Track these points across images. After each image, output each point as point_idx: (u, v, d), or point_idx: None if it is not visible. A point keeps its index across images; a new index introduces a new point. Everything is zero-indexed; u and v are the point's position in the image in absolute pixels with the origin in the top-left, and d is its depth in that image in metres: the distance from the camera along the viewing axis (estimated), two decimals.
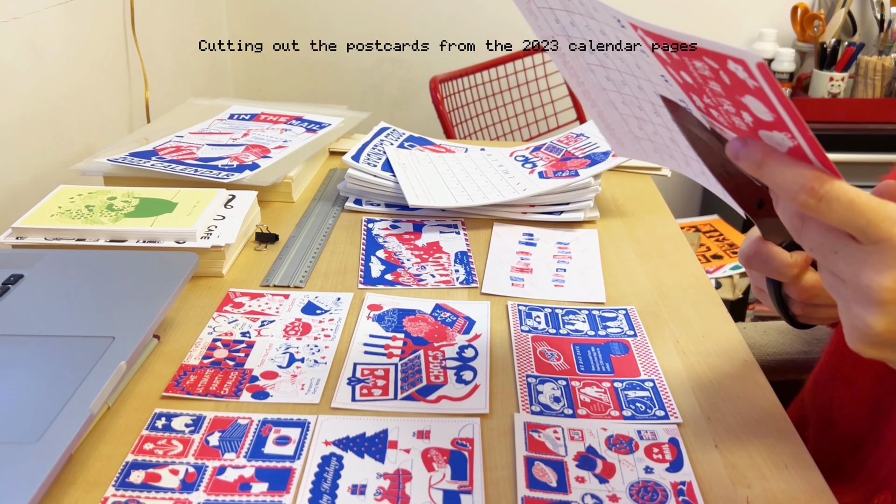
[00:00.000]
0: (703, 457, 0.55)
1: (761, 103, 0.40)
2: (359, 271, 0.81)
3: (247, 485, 0.52)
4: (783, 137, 0.42)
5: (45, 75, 1.14)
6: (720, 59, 0.39)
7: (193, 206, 0.84)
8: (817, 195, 0.41)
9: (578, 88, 0.61)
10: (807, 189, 0.41)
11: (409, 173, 0.98)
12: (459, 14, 2.16)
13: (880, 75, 1.95)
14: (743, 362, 0.66)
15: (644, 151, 0.61)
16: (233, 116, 1.19)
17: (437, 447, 0.55)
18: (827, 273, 0.44)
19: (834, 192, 0.41)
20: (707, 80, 0.43)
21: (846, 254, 0.42)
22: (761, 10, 2.14)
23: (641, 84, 0.52)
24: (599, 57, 0.54)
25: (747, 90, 0.40)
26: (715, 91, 0.43)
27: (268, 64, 2.22)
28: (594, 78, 0.57)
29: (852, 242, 0.41)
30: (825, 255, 0.43)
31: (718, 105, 0.44)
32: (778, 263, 0.52)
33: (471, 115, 1.99)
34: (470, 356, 0.66)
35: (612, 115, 0.60)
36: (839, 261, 0.42)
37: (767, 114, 0.41)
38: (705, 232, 1.90)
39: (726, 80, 0.41)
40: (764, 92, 0.39)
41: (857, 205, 0.40)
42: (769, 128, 0.42)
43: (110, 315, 0.63)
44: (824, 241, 0.43)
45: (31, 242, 0.79)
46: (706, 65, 0.41)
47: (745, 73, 0.39)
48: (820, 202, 0.41)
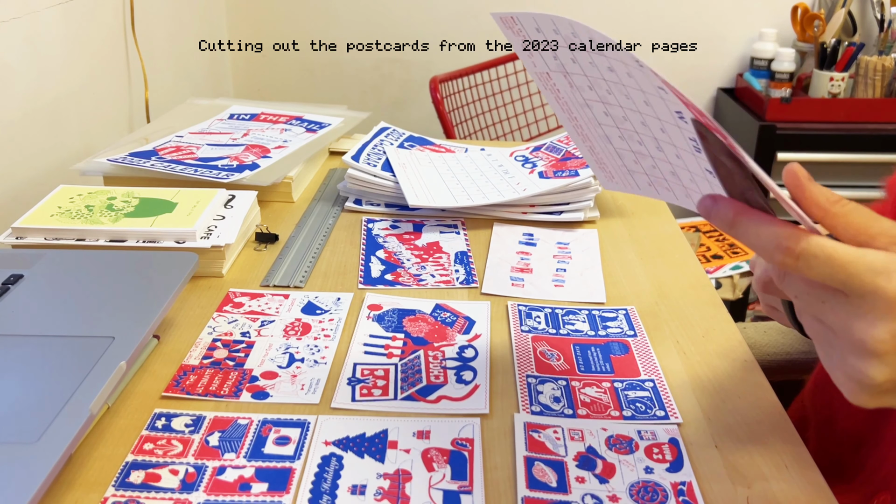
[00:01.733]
0: (703, 457, 0.55)
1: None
2: (359, 271, 0.81)
3: (247, 485, 0.52)
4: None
5: (44, 75, 1.14)
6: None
7: (193, 206, 0.84)
8: (794, 254, 0.41)
9: (569, 123, 0.60)
10: (782, 249, 0.41)
11: (409, 173, 0.98)
12: (459, 14, 2.16)
13: (880, 75, 1.95)
14: (743, 362, 0.66)
15: (636, 185, 0.61)
16: (233, 116, 1.19)
17: (437, 447, 0.55)
18: (813, 321, 0.44)
19: (811, 249, 0.40)
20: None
21: (834, 304, 0.41)
22: (761, 10, 2.14)
23: (646, 120, 0.52)
24: (600, 93, 0.53)
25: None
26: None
27: (268, 64, 2.22)
28: (590, 113, 0.57)
29: (839, 294, 0.41)
30: (812, 304, 0.42)
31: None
32: None
33: (471, 115, 1.99)
34: (470, 356, 0.66)
35: (605, 150, 0.60)
36: (828, 311, 0.42)
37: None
38: (705, 232, 1.90)
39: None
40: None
41: (835, 259, 0.40)
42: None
43: (110, 315, 0.63)
44: (810, 292, 0.42)
45: (31, 242, 0.79)
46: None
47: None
48: (798, 261, 0.41)
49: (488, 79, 2.02)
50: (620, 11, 2.15)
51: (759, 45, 2.09)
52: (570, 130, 0.61)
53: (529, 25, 0.53)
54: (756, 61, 2.10)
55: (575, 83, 0.55)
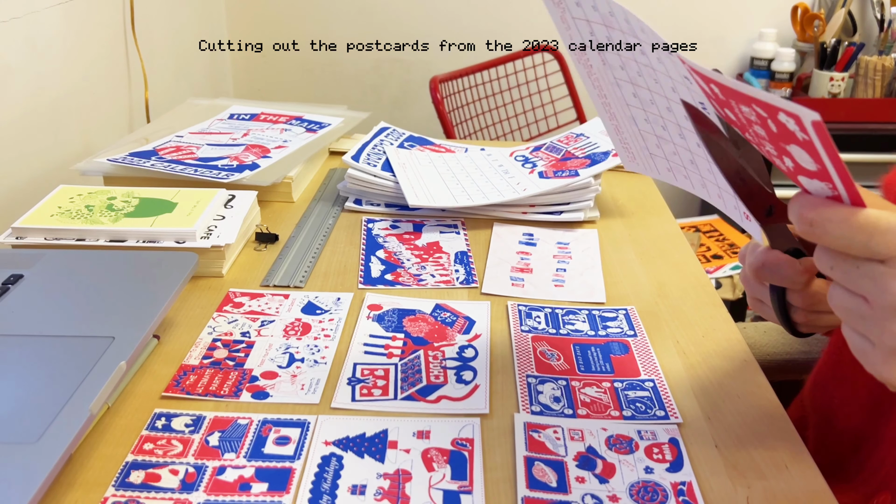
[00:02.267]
0: (703, 457, 0.55)
1: (807, 154, 0.39)
2: (359, 271, 0.81)
3: (247, 485, 0.52)
4: (823, 187, 0.41)
5: (44, 75, 1.14)
6: (771, 110, 0.39)
7: (193, 206, 0.84)
8: (807, 221, 0.41)
9: (598, 100, 0.61)
10: (797, 216, 0.41)
11: (409, 173, 0.98)
12: (459, 14, 2.16)
13: (880, 75, 1.95)
14: (743, 362, 0.66)
15: (656, 169, 0.61)
16: (233, 116, 1.19)
17: (437, 447, 0.55)
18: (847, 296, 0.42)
19: (826, 213, 0.40)
20: (752, 124, 0.42)
21: (868, 269, 0.40)
22: (761, 10, 2.14)
23: (671, 106, 0.52)
24: (631, 74, 0.54)
25: (794, 140, 0.39)
26: (759, 134, 0.42)
27: (268, 64, 2.22)
28: (619, 93, 0.57)
29: (873, 260, 0.40)
30: (848, 272, 0.41)
31: (760, 146, 0.43)
32: (790, 271, 0.51)
33: (471, 115, 1.99)
34: (470, 356, 0.66)
35: (630, 130, 0.60)
36: (863, 277, 0.40)
37: (812, 164, 0.40)
38: (705, 232, 1.90)
39: (773, 129, 0.40)
40: (813, 145, 0.38)
41: (851, 222, 0.39)
42: (810, 176, 0.41)
43: (110, 315, 0.63)
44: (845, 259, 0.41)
45: (31, 242, 0.79)
46: (754, 111, 0.40)
47: (795, 126, 0.38)
48: (813, 227, 0.40)
49: (488, 79, 2.02)
50: None
51: (759, 45, 2.09)
52: (599, 107, 0.61)
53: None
54: (756, 61, 2.10)
55: (608, 61, 0.55)
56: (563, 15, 0.55)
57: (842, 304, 0.43)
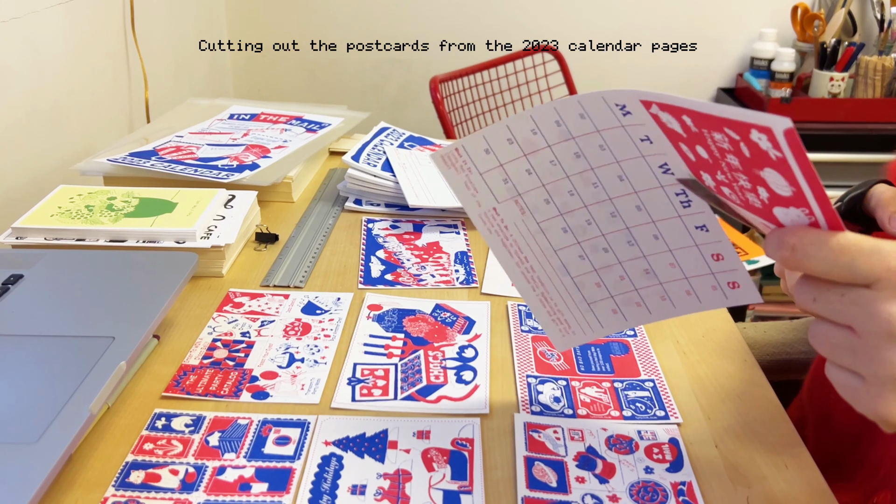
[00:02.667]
0: (703, 457, 0.55)
1: (781, 176, 0.38)
2: (359, 271, 0.81)
3: (247, 485, 0.52)
4: (799, 214, 0.40)
5: (44, 75, 1.14)
6: (743, 129, 0.37)
7: (193, 206, 0.84)
8: (789, 246, 0.39)
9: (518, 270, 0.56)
10: (779, 243, 0.40)
11: (409, 173, 0.98)
12: (459, 14, 2.16)
13: (880, 75, 1.95)
14: (743, 362, 0.66)
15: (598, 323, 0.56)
16: (233, 116, 1.19)
17: (437, 447, 0.55)
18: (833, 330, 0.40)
19: (808, 237, 0.39)
20: (725, 154, 0.41)
21: (854, 296, 0.38)
22: (761, 10, 2.14)
23: (618, 207, 0.49)
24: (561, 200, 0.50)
25: (768, 162, 0.38)
26: (732, 165, 0.41)
27: (268, 64, 2.22)
28: (545, 241, 0.53)
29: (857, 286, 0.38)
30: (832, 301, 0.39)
31: (733, 181, 0.42)
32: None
33: (471, 115, 1.99)
34: (470, 356, 0.66)
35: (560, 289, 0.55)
36: (849, 306, 0.38)
37: (786, 188, 0.39)
38: None
39: (746, 153, 0.39)
40: (786, 163, 0.37)
41: (831, 244, 0.38)
42: (786, 204, 0.40)
43: (110, 315, 0.63)
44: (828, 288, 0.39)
45: (31, 242, 0.79)
46: (726, 136, 0.39)
47: (768, 143, 0.37)
48: (794, 252, 0.39)
49: (488, 79, 2.02)
50: (621, 11, 2.15)
51: (759, 45, 2.09)
52: (519, 281, 0.56)
53: (477, 149, 0.50)
54: (756, 61, 2.10)
55: (527, 205, 0.51)
56: (468, 180, 0.51)
57: (827, 339, 0.40)
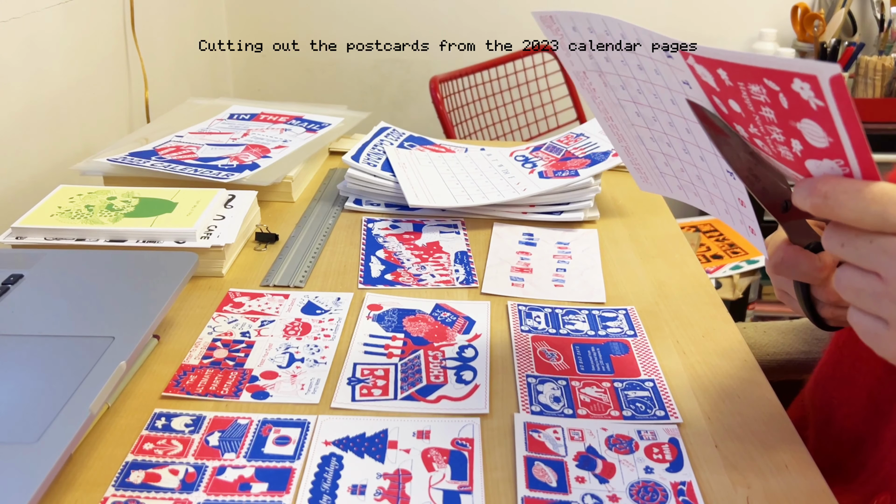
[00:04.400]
0: (703, 457, 0.55)
1: (820, 126, 0.39)
2: (359, 271, 0.81)
3: (247, 485, 0.52)
4: (833, 165, 0.40)
5: (44, 75, 1.14)
6: (785, 79, 0.38)
7: (193, 206, 0.84)
8: (821, 193, 0.40)
9: (606, 123, 0.61)
10: (811, 190, 0.40)
11: (409, 173, 0.98)
12: (459, 14, 2.16)
13: (880, 75, 1.95)
14: (743, 362, 0.66)
15: (668, 187, 0.61)
16: (233, 116, 1.19)
17: (437, 447, 0.55)
18: (859, 276, 0.41)
19: (840, 185, 0.40)
20: (759, 107, 0.41)
21: (883, 242, 0.39)
22: (761, 10, 2.14)
23: (673, 120, 0.52)
24: (632, 93, 0.54)
25: (807, 112, 0.38)
26: (766, 119, 0.42)
27: (268, 64, 2.22)
28: (623, 113, 0.58)
29: (887, 234, 0.39)
30: (861, 247, 0.40)
31: (766, 134, 0.43)
32: (808, 267, 0.50)
33: (471, 115, 1.99)
34: (470, 356, 0.66)
35: (638, 151, 0.61)
36: (877, 252, 0.39)
37: (824, 139, 0.39)
38: (705, 232, 1.90)
39: (784, 104, 0.39)
40: (828, 112, 0.37)
41: (864, 192, 0.39)
42: (820, 156, 0.41)
43: (110, 315, 0.63)
44: (858, 234, 0.40)
45: (31, 242, 0.79)
46: (764, 88, 0.40)
47: (810, 93, 0.37)
48: (827, 199, 0.40)
49: (488, 79, 2.02)
50: (621, 11, 2.15)
51: (759, 45, 2.09)
52: (607, 130, 0.62)
53: (566, 24, 0.54)
54: None
55: (609, 82, 0.55)
56: (562, 42, 0.56)
57: (852, 284, 0.42)
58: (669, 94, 0.50)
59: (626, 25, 0.48)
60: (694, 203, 0.60)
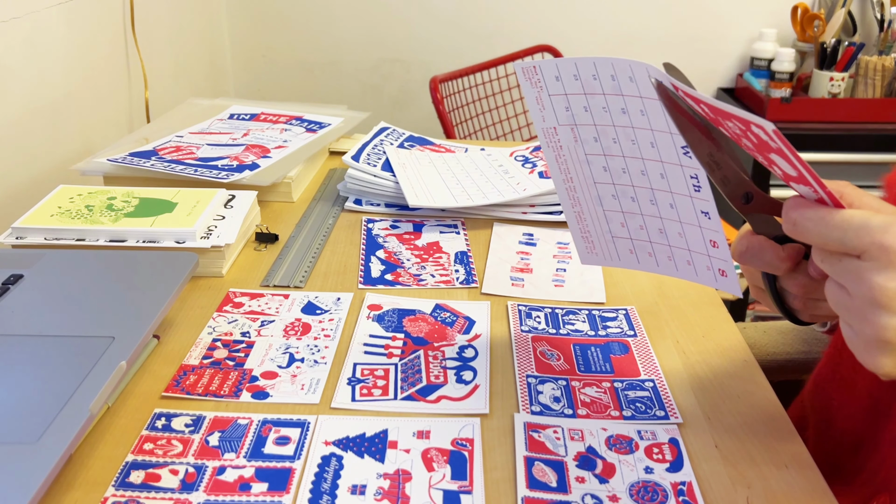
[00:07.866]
0: (703, 457, 0.55)
1: (785, 161, 0.44)
2: (359, 271, 0.81)
3: (247, 485, 0.52)
4: (808, 191, 0.46)
5: (44, 75, 1.14)
6: (745, 124, 0.43)
7: (193, 206, 0.84)
8: (791, 220, 0.46)
9: (563, 185, 0.62)
10: (783, 217, 0.46)
11: (409, 173, 0.98)
12: (459, 14, 2.16)
13: (880, 75, 1.95)
14: (743, 362, 0.66)
15: (617, 254, 0.63)
16: (233, 116, 1.19)
17: (437, 447, 0.55)
18: (835, 288, 0.46)
19: (806, 213, 0.45)
20: (740, 139, 0.46)
21: (848, 262, 0.44)
22: (761, 10, 2.14)
23: (647, 168, 0.54)
24: (605, 143, 0.56)
25: (771, 149, 0.44)
26: (748, 147, 0.46)
27: (268, 64, 2.22)
28: (588, 171, 0.59)
29: (850, 255, 0.44)
30: (833, 264, 0.45)
31: (756, 156, 0.47)
32: (770, 256, 0.51)
33: (471, 115, 1.99)
34: (470, 356, 0.66)
35: (593, 215, 0.62)
36: (844, 270, 0.44)
37: (791, 169, 0.45)
38: None
39: (754, 140, 0.44)
40: (783, 152, 0.43)
41: (828, 220, 0.44)
42: (796, 181, 0.46)
43: (110, 315, 0.63)
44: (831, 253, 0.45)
45: (31, 242, 0.79)
46: (736, 125, 0.45)
47: (766, 136, 0.43)
48: (795, 226, 0.46)
49: (488, 79, 2.02)
50: (620, 11, 2.15)
51: (759, 45, 2.09)
52: (563, 194, 0.63)
53: (549, 74, 0.55)
54: (756, 61, 2.10)
55: (580, 135, 0.57)
56: (539, 95, 0.57)
57: (831, 295, 0.46)
58: (651, 135, 0.52)
59: (618, 62, 0.50)
60: (643, 267, 0.62)
